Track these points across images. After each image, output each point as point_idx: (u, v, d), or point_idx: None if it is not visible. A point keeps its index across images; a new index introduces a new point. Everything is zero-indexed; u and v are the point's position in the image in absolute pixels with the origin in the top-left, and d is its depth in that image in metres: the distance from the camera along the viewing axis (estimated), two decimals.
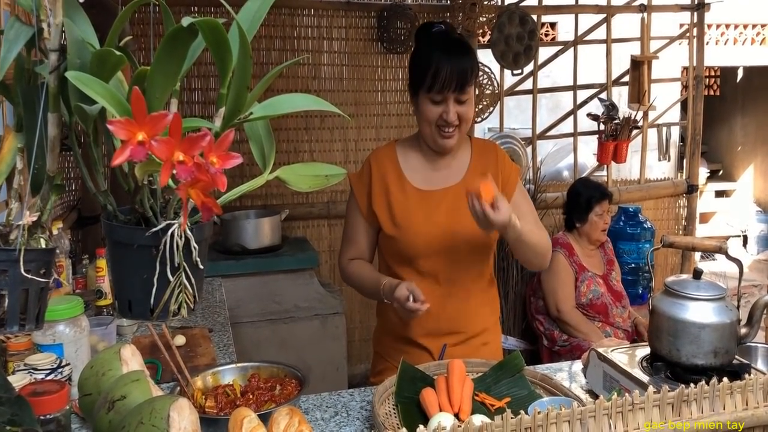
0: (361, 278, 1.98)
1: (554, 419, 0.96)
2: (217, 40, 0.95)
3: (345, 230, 2.06)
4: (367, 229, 1.99)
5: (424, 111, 1.85)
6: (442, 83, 1.78)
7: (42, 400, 1.20)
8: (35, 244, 0.91)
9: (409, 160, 1.97)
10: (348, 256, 2.03)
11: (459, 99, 1.82)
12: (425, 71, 1.80)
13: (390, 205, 1.92)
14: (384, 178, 1.95)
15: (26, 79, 1.02)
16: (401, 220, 1.90)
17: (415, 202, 1.91)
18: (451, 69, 1.78)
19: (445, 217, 1.90)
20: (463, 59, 1.80)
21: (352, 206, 2.02)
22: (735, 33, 8.75)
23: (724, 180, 9.95)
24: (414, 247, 1.88)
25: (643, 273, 4.19)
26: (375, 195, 1.94)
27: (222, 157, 0.84)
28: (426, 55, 1.82)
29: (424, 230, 1.88)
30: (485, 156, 1.99)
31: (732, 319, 1.48)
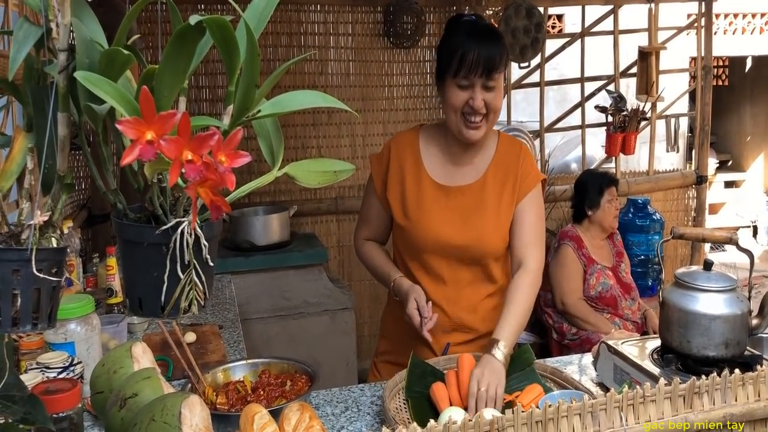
0: (374, 264, 2.00)
1: (565, 412, 0.96)
2: (225, 37, 0.95)
3: (362, 208, 2.06)
4: (381, 212, 1.98)
5: (449, 97, 1.78)
6: (469, 67, 1.73)
7: (54, 398, 1.21)
8: (47, 244, 0.92)
9: (430, 150, 1.92)
10: (362, 235, 2.04)
11: (486, 85, 1.75)
12: (452, 55, 1.75)
13: (403, 196, 1.90)
14: (401, 166, 1.91)
15: (35, 79, 1.03)
16: (413, 213, 1.88)
17: (429, 197, 1.87)
18: (478, 53, 1.72)
19: (457, 216, 1.85)
20: (491, 44, 1.75)
21: (369, 187, 2.00)
22: (743, 22, 8.69)
23: (734, 170, 9.89)
24: (422, 241, 1.87)
25: (653, 265, 4.18)
26: (390, 182, 1.92)
27: (231, 155, 0.84)
28: (453, 40, 1.78)
29: (434, 227, 1.85)
30: (508, 157, 1.90)
31: (743, 310, 1.47)
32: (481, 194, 1.87)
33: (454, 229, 1.85)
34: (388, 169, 1.93)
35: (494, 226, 1.86)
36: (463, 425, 0.91)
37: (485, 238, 1.86)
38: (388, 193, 1.92)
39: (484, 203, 1.87)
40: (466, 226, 1.85)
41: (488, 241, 1.86)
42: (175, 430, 1.10)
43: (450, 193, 1.88)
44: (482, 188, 1.88)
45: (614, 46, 4.48)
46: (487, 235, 1.86)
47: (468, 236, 1.85)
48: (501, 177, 1.88)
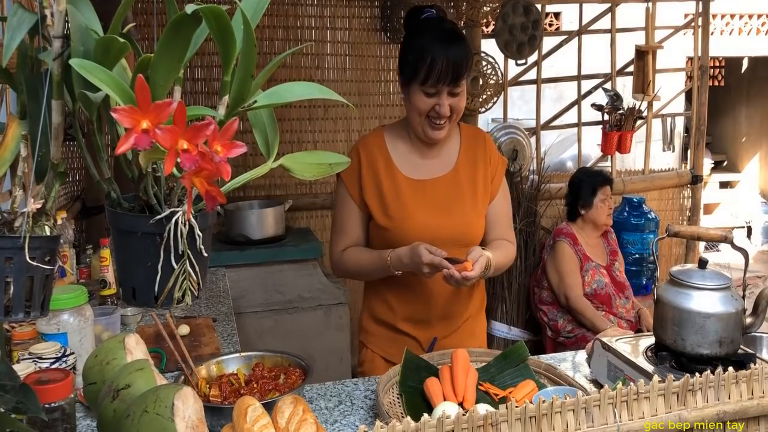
0: (360, 261, 1.93)
1: (559, 408, 0.96)
2: (221, 27, 0.95)
3: (336, 221, 2.00)
4: (361, 217, 1.95)
5: (415, 103, 1.81)
6: (437, 76, 1.74)
7: (47, 388, 1.20)
8: (40, 232, 0.91)
9: (397, 148, 1.93)
10: (340, 247, 1.97)
11: (452, 92, 1.79)
12: (419, 63, 1.75)
13: (382, 196, 1.89)
14: (374, 167, 1.91)
15: (29, 67, 1.02)
16: (394, 211, 1.87)
17: (406, 193, 1.88)
18: (446, 62, 1.73)
19: (436, 207, 1.88)
20: (458, 50, 1.76)
21: (342, 195, 1.96)
22: (740, 23, 8.71)
23: (729, 171, 9.93)
24: (406, 238, 1.84)
25: (647, 264, 4.19)
26: (366, 185, 1.90)
27: (226, 145, 0.83)
28: (419, 46, 1.77)
29: (417, 221, 1.86)
30: (474, 145, 1.97)
31: (737, 308, 1.47)
32: (456, 183, 1.92)
33: (437, 220, 1.87)
34: (360, 172, 1.91)
35: (473, 211, 1.92)
36: (457, 420, 0.90)
37: (468, 222, 1.91)
38: (365, 196, 1.90)
39: (461, 191, 1.92)
40: (449, 215, 1.88)
41: (471, 224, 1.91)
42: (168, 421, 1.10)
43: (426, 186, 1.91)
44: (456, 178, 1.92)
45: (611, 45, 4.48)
46: (469, 219, 1.91)
47: (452, 223, 1.88)
48: (471, 165, 1.94)
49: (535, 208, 4.14)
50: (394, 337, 1.96)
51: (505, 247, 1.96)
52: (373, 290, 2.01)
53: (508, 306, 4.09)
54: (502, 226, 1.99)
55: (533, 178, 4.25)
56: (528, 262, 4.11)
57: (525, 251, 4.08)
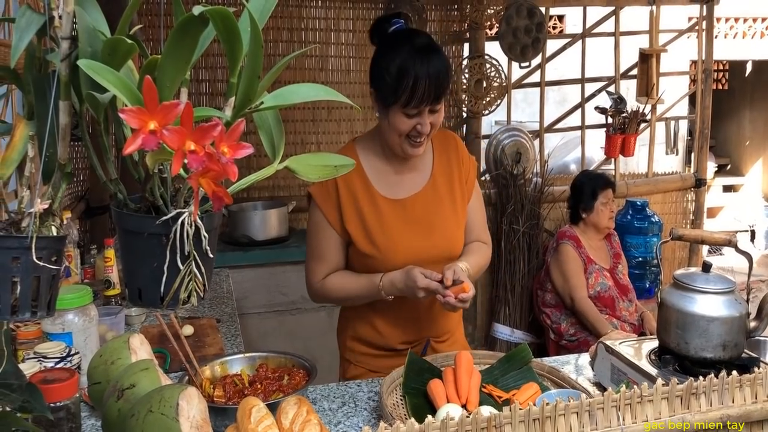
0: (347, 288, 1.84)
1: (562, 411, 0.96)
2: (228, 29, 0.95)
3: (312, 248, 1.88)
4: (340, 243, 1.84)
5: (395, 124, 1.71)
6: (420, 98, 1.65)
7: (52, 387, 1.21)
8: (47, 232, 0.92)
9: (372, 166, 1.84)
10: (320, 275, 1.86)
11: (433, 109, 1.71)
12: (399, 86, 1.66)
13: (364, 222, 1.80)
14: (352, 191, 1.80)
15: (37, 68, 1.03)
16: (378, 238, 1.79)
17: (388, 215, 1.81)
18: (428, 82, 1.64)
19: (418, 227, 1.82)
20: (438, 65, 1.67)
21: (318, 221, 1.84)
22: (744, 27, 8.70)
23: (732, 175, 9.90)
24: (391, 263, 1.77)
25: (651, 267, 4.19)
26: (345, 211, 1.80)
27: (233, 146, 0.84)
28: (398, 67, 1.67)
29: (404, 245, 1.79)
30: (447, 149, 1.90)
31: (741, 312, 1.47)
32: (435, 195, 1.86)
33: (421, 241, 1.81)
34: (338, 195, 1.80)
35: (455, 224, 1.87)
36: (461, 422, 0.90)
37: (451, 236, 1.86)
38: (347, 224, 1.80)
39: (441, 202, 1.86)
40: (431, 233, 1.83)
41: (454, 238, 1.87)
42: (173, 421, 1.10)
43: (406, 205, 1.83)
44: (434, 189, 1.86)
45: (615, 48, 4.48)
46: (451, 233, 1.86)
47: (436, 242, 1.83)
48: (446, 172, 1.89)
49: (538, 211, 4.14)
50: (380, 353, 1.90)
51: (479, 251, 1.92)
52: (356, 313, 1.92)
53: (511, 308, 4.09)
54: (478, 228, 1.96)
55: (536, 181, 4.25)
56: (531, 264, 4.10)
57: (528, 254, 4.08)
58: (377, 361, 1.90)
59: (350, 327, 1.95)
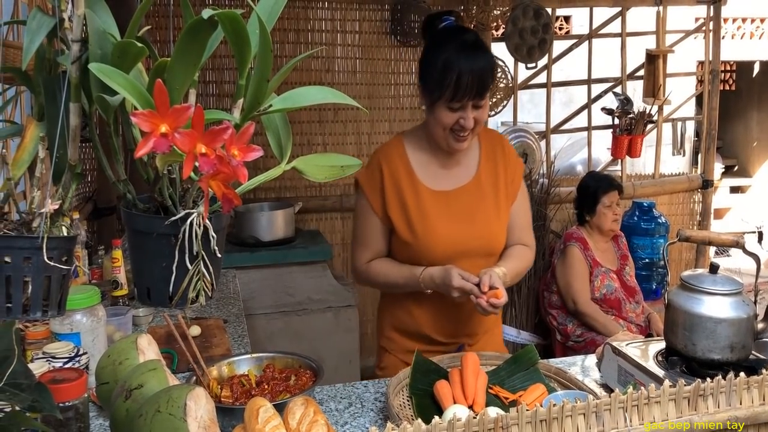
0: (389, 276, 1.90)
1: (570, 412, 0.96)
2: (236, 32, 0.96)
3: (357, 233, 1.96)
4: (384, 230, 1.91)
5: (440, 118, 1.77)
6: (463, 92, 1.71)
7: (61, 387, 1.21)
8: (57, 232, 0.93)
9: (418, 158, 1.90)
10: (364, 259, 1.94)
11: (477, 104, 1.76)
12: (444, 80, 1.71)
13: (406, 210, 1.85)
14: (396, 180, 1.87)
15: (47, 70, 1.04)
16: (418, 225, 1.84)
17: (430, 205, 1.85)
18: (472, 77, 1.70)
19: (459, 219, 1.86)
20: (482, 62, 1.73)
21: (363, 207, 1.92)
22: (752, 27, 8.67)
23: (740, 176, 9.86)
24: (431, 253, 1.83)
25: (657, 268, 4.18)
26: (389, 198, 1.86)
27: (243, 149, 0.84)
28: (443, 61, 1.72)
29: (442, 235, 1.83)
30: (494, 149, 1.94)
31: (749, 314, 1.47)
32: (479, 192, 1.90)
33: (462, 232, 1.85)
34: (382, 184, 1.87)
35: (496, 220, 1.90)
36: (468, 423, 0.91)
37: (492, 231, 1.89)
38: (389, 210, 1.86)
39: (484, 200, 1.89)
40: (472, 225, 1.86)
41: (495, 233, 1.90)
42: (180, 421, 1.11)
43: (449, 197, 1.88)
44: (478, 185, 1.90)
45: (621, 49, 4.47)
46: (492, 228, 1.89)
47: (476, 234, 1.86)
48: (492, 169, 1.92)
49: (544, 212, 4.14)
50: (418, 346, 1.88)
51: (521, 254, 1.95)
52: (396, 301, 1.97)
53: (518, 310, 4.09)
54: (521, 230, 1.98)
55: (543, 182, 4.25)
56: (537, 266, 4.10)
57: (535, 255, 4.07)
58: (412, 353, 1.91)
59: (390, 315, 2.01)
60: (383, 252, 1.94)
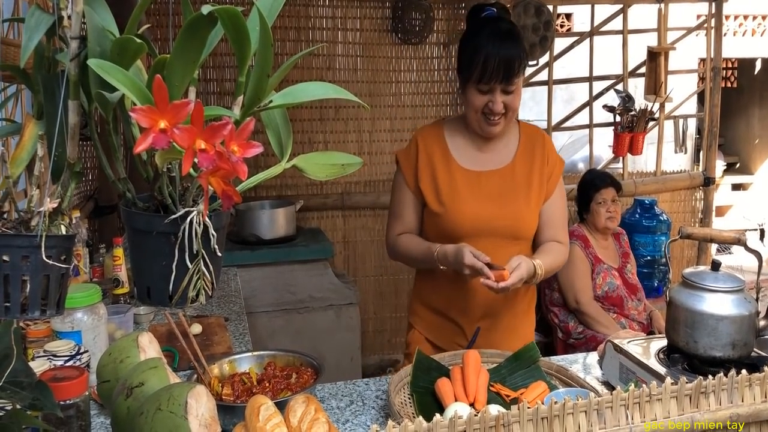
0: (411, 251, 1.98)
1: (571, 409, 0.96)
2: (236, 28, 0.95)
3: (392, 207, 2.07)
4: (415, 203, 2.00)
5: (471, 100, 1.87)
6: (490, 75, 1.80)
7: (62, 385, 1.21)
8: (56, 231, 0.92)
9: (456, 140, 1.99)
10: (396, 231, 2.03)
11: (506, 89, 1.83)
12: (472, 62, 1.81)
13: (436, 183, 1.94)
14: (430, 157, 1.96)
15: (46, 67, 1.03)
16: (446, 197, 1.92)
17: (461, 182, 1.93)
18: (498, 60, 1.78)
19: (491, 198, 1.92)
20: (510, 49, 1.80)
21: (399, 182, 2.03)
22: (753, 24, 8.65)
23: (741, 173, 9.85)
24: (458, 225, 1.90)
25: (659, 266, 4.17)
26: (421, 172, 1.96)
27: (243, 145, 0.84)
28: (473, 44, 1.83)
29: (469, 210, 1.90)
30: (533, 142, 2.00)
31: (750, 311, 1.47)
32: (512, 178, 1.95)
33: (488, 210, 1.90)
34: (417, 161, 1.97)
35: (526, 206, 1.95)
36: (469, 420, 0.90)
37: (520, 216, 1.93)
38: (420, 183, 1.96)
39: (516, 186, 1.95)
40: (500, 206, 1.91)
41: (523, 218, 1.94)
42: (181, 419, 1.10)
43: (481, 177, 1.95)
44: (512, 172, 1.96)
45: (623, 46, 4.46)
46: (521, 213, 1.93)
47: (503, 215, 1.91)
48: (528, 162, 1.98)
49: None
50: (441, 323, 2.01)
51: (555, 250, 1.98)
52: (427, 276, 2.05)
53: None
54: (555, 227, 2.02)
55: None
56: None
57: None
58: (438, 332, 2.03)
59: (418, 289, 2.11)
60: (414, 226, 2.03)
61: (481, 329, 1.96)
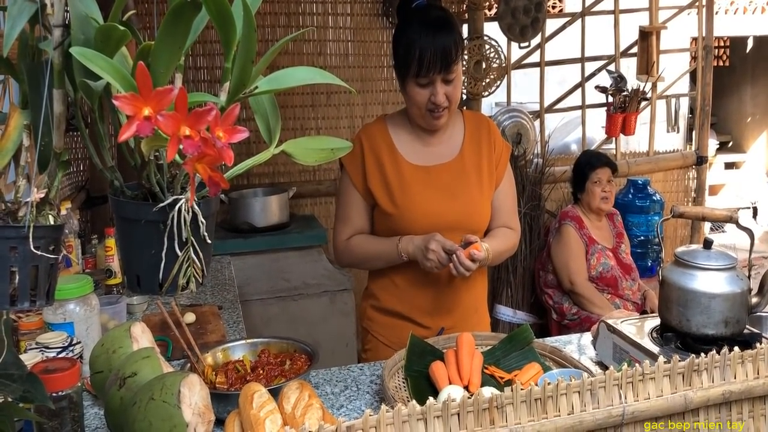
0: (367, 249, 1.93)
1: (564, 390, 0.96)
2: (221, 13, 0.94)
3: (339, 210, 2.00)
4: (364, 206, 1.94)
5: (412, 95, 1.82)
6: (428, 66, 1.74)
7: (54, 377, 1.21)
8: (44, 221, 0.91)
9: (400, 136, 1.93)
10: (345, 236, 1.96)
11: (446, 79, 1.78)
12: (409, 56, 1.76)
13: (387, 182, 1.88)
14: (377, 155, 1.89)
15: (30, 56, 1.02)
16: (399, 197, 1.86)
17: (411, 179, 1.87)
18: (434, 50, 1.73)
19: (441, 193, 1.87)
20: (445, 37, 1.75)
21: (345, 184, 1.95)
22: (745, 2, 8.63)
23: (734, 151, 9.88)
24: (412, 223, 1.85)
25: (653, 246, 4.18)
26: (369, 172, 1.89)
27: (228, 131, 0.83)
28: (407, 38, 1.77)
29: (423, 207, 1.85)
30: (479, 130, 1.97)
31: (743, 288, 1.47)
32: (462, 169, 1.91)
33: (442, 205, 1.86)
34: (363, 159, 1.90)
35: (480, 195, 1.91)
36: (462, 403, 0.90)
37: (474, 206, 1.90)
38: (369, 183, 1.89)
39: (467, 177, 1.91)
40: (454, 199, 1.88)
41: (477, 209, 1.91)
42: (175, 408, 1.10)
43: (431, 172, 1.90)
44: (461, 164, 1.92)
45: (615, 26, 4.45)
46: (475, 204, 1.90)
47: (458, 208, 1.87)
48: (476, 151, 1.94)
49: (539, 192, 4.14)
50: (401, 325, 1.93)
51: (505, 235, 1.97)
52: (379, 278, 1.99)
53: (513, 289, 4.09)
54: (506, 213, 2.00)
55: (537, 162, 4.24)
56: (533, 245, 4.10)
57: (530, 235, 4.08)
58: (393, 333, 1.95)
59: (371, 294, 2.03)
60: (365, 229, 1.96)
61: (444, 329, 1.90)
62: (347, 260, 2.00)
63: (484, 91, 4.15)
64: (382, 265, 1.93)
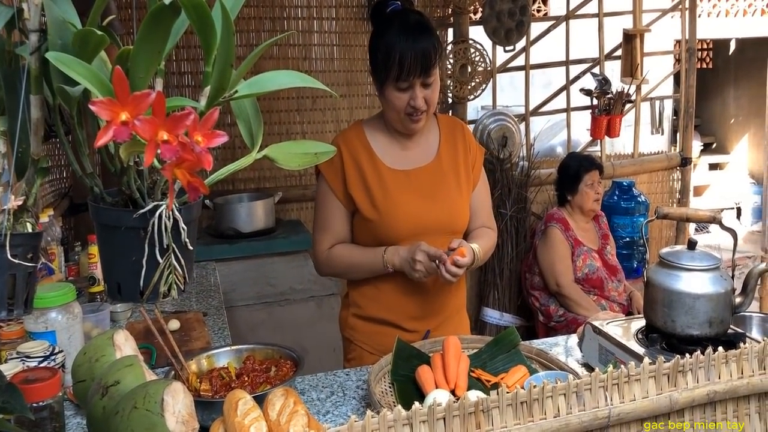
0: (350, 260, 1.90)
1: (550, 393, 0.95)
2: (200, 17, 0.93)
3: (318, 219, 1.95)
4: (344, 213, 1.91)
5: (391, 100, 1.81)
6: (408, 71, 1.74)
7: (34, 387, 1.19)
8: (21, 229, 0.90)
9: (378, 140, 1.92)
10: (326, 245, 1.93)
11: (425, 83, 1.78)
12: (388, 62, 1.75)
13: (367, 187, 1.86)
14: (356, 160, 1.88)
15: (7, 62, 1.00)
16: (380, 202, 1.84)
17: (392, 183, 1.86)
18: (414, 54, 1.72)
19: (422, 196, 1.87)
20: (425, 41, 1.74)
21: (324, 192, 1.92)
22: (727, 5, 8.70)
23: (718, 153, 9.96)
24: (394, 228, 1.84)
25: (638, 247, 4.20)
26: (349, 177, 1.87)
27: (207, 135, 0.82)
28: (386, 42, 1.76)
29: (405, 211, 1.84)
30: (453, 134, 1.98)
31: (726, 288, 1.48)
32: (440, 172, 1.92)
33: (423, 208, 1.86)
34: (342, 166, 1.88)
35: (459, 197, 1.92)
36: (448, 407, 0.90)
37: (454, 208, 1.91)
38: (350, 189, 1.87)
39: (445, 180, 1.92)
40: (434, 202, 1.88)
41: (458, 210, 1.91)
42: (158, 417, 1.09)
43: (410, 176, 1.90)
44: (439, 166, 1.93)
45: (599, 29, 4.47)
46: (455, 205, 1.91)
47: (438, 211, 1.88)
48: (452, 153, 1.95)
49: (525, 195, 4.14)
50: (385, 331, 1.91)
51: (487, 234, 1.99)
52: (361, 286, 1.96)
53: (500, 292, 4.09)
54: (485, 214, 2.02)
55: (523, 165, 4.25)
56: (519, 248, 4.11)
57: (516, 237, 4.09)
58: (378, 339, 1.93)
59: (352, 302, 2.00)
60: (345, 236, 1.94)
61: (430, 332, 1.89)
62: (329, 271, 1.97)
63: (470, 95, 4.16)
64: (366, 276, 1.91)
